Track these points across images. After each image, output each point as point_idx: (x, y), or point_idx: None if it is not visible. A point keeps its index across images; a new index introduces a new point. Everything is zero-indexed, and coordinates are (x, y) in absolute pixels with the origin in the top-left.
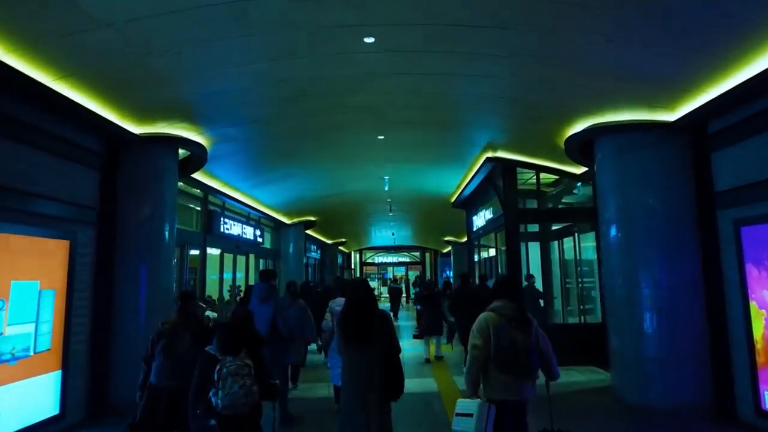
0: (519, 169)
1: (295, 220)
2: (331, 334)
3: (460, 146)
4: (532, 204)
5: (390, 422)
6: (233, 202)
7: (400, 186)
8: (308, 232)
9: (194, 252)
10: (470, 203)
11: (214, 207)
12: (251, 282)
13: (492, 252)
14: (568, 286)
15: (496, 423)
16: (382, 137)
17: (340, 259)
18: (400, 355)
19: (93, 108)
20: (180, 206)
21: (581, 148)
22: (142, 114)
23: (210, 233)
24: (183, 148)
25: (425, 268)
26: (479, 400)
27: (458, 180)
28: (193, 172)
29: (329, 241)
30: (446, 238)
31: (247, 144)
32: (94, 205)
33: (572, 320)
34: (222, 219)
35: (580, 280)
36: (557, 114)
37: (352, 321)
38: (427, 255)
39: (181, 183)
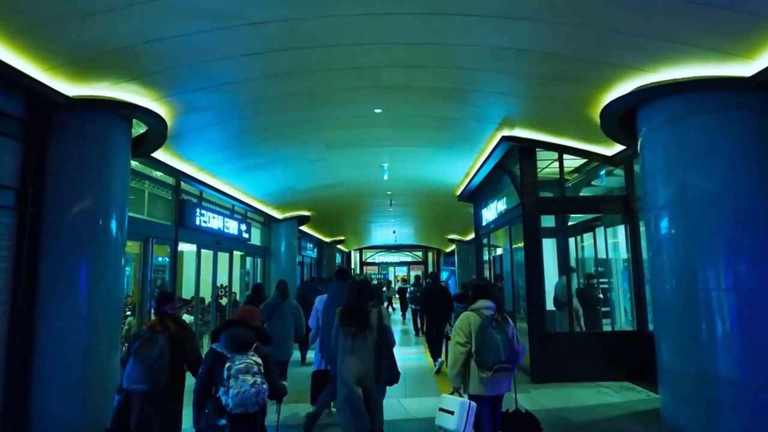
0: (538, 158)
1: (287, 214)
2: (317, 330)
3: (470, 123)
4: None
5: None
6: (213, 192)
7: (401, 176)
8: (303, 228)
9: (165, 248)
10: (479, 195)
11: (188, 196)
12: (236, 282)
13: (508, 248)
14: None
15: (476, 415)
16: (379, 110)
17: (339, 259)
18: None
19: (3, 57)
20: (143, 193)
21: (621, 119)
22: (74, 69)
23: (183, 226)
24: (136, 118)
25: (428, 268)
26: (462, 399)
27: (466, 167)
28: (152, 151)
29: (327, 239)
30: (450, 237)
31: (221, 117)
32: (13, 184)
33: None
34: (198, 210)
35: (609, 281)
36: (595, 73)
37: (351, 312)
38: (430, 254)
39: (144, 165)
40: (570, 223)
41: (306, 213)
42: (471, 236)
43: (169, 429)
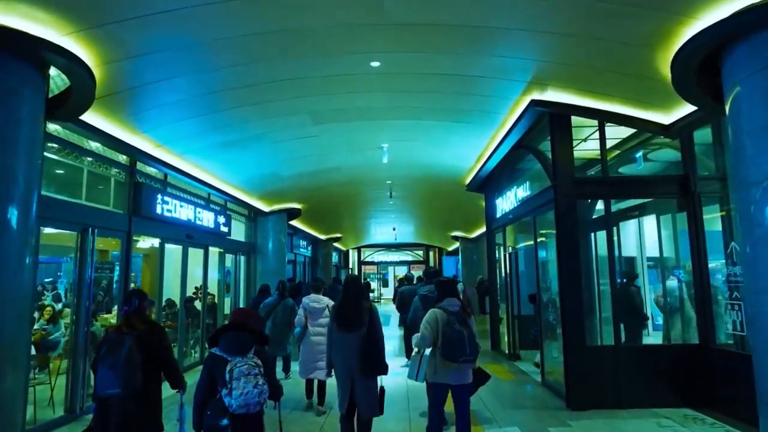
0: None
1: (275, 207)
2: (303, 329)
3: (490, 84)
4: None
5: (376, 392)
6: (181, 177)
7: (403, 160)
8: (296, 224)
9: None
10: (492, 183)
11: (148, 180)
12: (213, 282)
13: (521, 243)
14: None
15: (439, 399)
16: (376, 63)
17: (335, 258)
18: None
19: None
20: (81, 172)
21: (700, 69)
22: None
23: (140, 215)
24: (44, 59)
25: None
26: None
27: (480, 148)
28: (80, 112)
29: (322, 237)
30: (454, 234)
31: (173, 67)
32: None
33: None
34: (161, 197)
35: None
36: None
37: (345, 308)
38: (431, 253)
39: (81, 136)
40: (595, 216)
41: (296, 206)
42: (477, 233)
43: (149, 431)
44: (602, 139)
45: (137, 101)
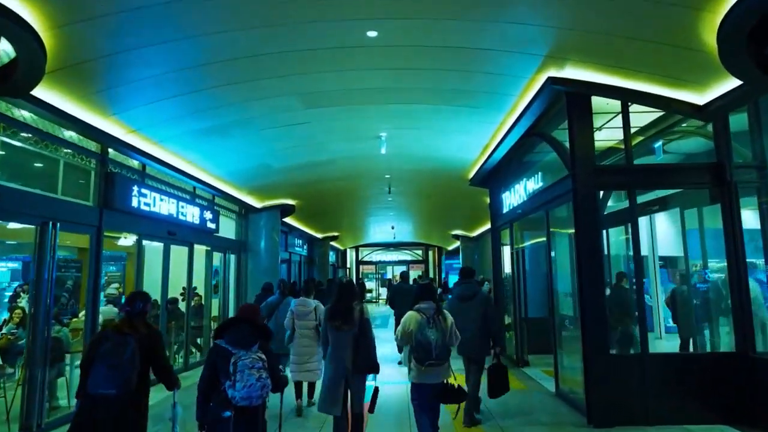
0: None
1: (268, 203)
2: (292, 332)
3: (502, 59)
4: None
5: (364, 390)
6: (162, 168)
7: (403, 151)
8: (291, 222)
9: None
10: (499, 176)
11: (122, 170)
12: (200, 282)
13: (538, 239)
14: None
15: (419, 400)
16: (373, 33)
17: (332, 257)
18: None
19: None
20: (36, 157)
21: (752, 36)
22: None
23: (113, 209)
24: None
25: (428, 267)
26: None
27: (486, 137)
28: (30, 85)
29: (319, 235)
30: (454, 232)
31: (139, 34)
32: None
33: (666, 345)
34: (137, 189)
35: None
36: None
37: (338, 309)
38: (431, 253)
39: (39, 117)
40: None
41: (290, 202)
42: (478, 231)
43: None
44: (626, 122)
45: (102, 76)
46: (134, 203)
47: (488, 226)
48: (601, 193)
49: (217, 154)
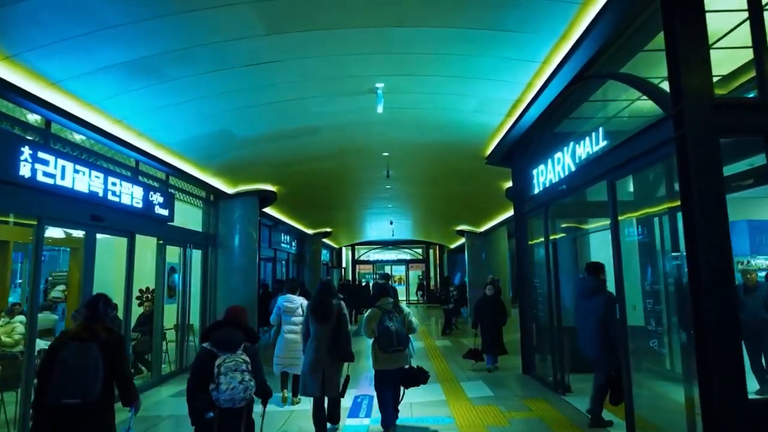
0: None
1: (242, 188)
2: (278, 327)
3: None
4: None
5: (339, 377)
6: (79, 128)
7: (404, 115)
8: (276, 215)
9: None
10: (527, 147)
11: (4, 123)
12: (148, 282)
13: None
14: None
15: (383, 383)
16: None
17: (326, 256)
18: None
19: None
20: None
21: None
22: None
23: None
24: None
25: (429, 267)
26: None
27: (520, 85)
28: None
29: (309, 231)
30: (459, 228)
31: None
32: None
33: None
34: (30, 152)
35: None
36: None
37: (318, 304)
38: (431, 251)
39: None
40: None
41: (269, 187)
42: (487, 226)
43: None
44: (759, 29)
45: None
46: (24, 171)
47: (499, 219)
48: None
49: (155, 112)
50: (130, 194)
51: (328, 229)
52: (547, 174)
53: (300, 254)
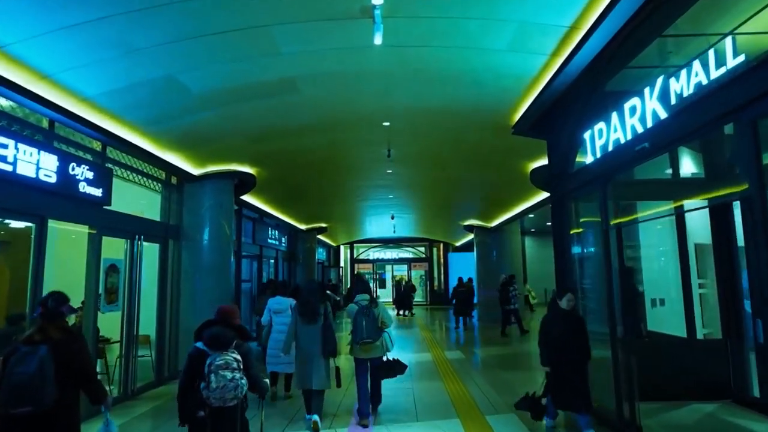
0: None
1: (211, 168)
2: (269, 328)
3: None
4: None
5: (327, 372)
6: None
7: (410, 57)
8: (263, 207)
9: None
10: (574, 105)
11: None
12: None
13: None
14: None
15: (359, 369)
16: None
17: (322, 254)
18: None
19: None
20: None
21: None
22: None
23: None
24: None
25: (431, 266)
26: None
27: (567, 20)
28: None
29: (302, 226)
30: (467, 223)
31: None
32: None
33: None
34: None
35: None
36: None
37: (306, 305)
38: (435, 250)
39: None
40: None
41: (247, 169)
42: (498, 221)
43: None
44: None
45: None
46: None
47: (513, 212)
48: None
49: (60, 36)
50: (34, 163)
51: (323, 225)
52: (610, 134)
53: (291, 252)
